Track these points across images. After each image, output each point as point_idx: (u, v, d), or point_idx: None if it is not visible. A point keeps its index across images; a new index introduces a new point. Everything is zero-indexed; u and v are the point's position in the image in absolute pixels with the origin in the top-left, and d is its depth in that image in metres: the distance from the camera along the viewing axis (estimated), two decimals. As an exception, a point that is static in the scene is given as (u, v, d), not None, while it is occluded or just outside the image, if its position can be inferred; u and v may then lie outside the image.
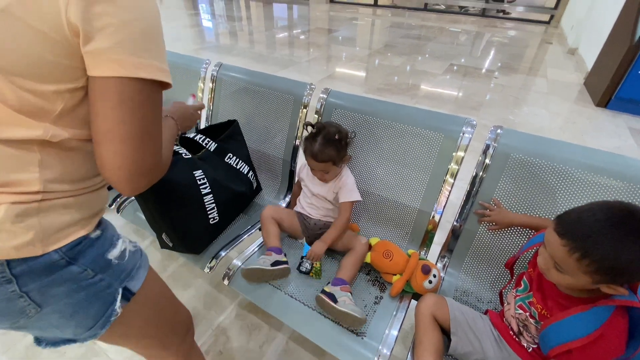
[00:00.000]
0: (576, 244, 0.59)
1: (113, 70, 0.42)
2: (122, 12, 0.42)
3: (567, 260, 0.61)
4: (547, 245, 0.66)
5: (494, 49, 5.33)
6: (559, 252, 0.62)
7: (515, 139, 0.94)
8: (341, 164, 1.10)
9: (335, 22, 6.95)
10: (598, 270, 0.58)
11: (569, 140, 2.58)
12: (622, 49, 2.92)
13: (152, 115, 0.48)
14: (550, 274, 0.66)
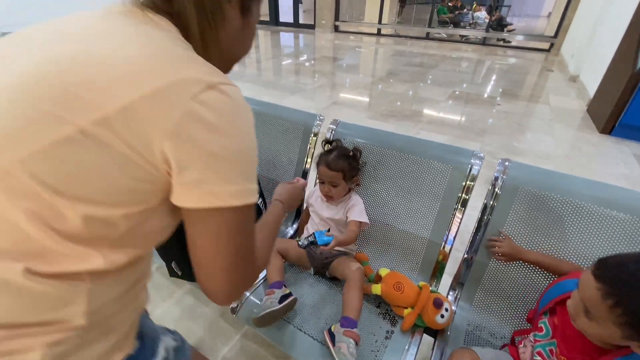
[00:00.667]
0: (612, 289, 0.55)
1: (207, 202, 0.40)
2: (218, 139, 0.39)
3: (599, 306, 0.56)
4: (581, 288, 0.62)
5: (495, 76, 5.46)
6: (592, 295, 0.58)
7: (523, 172, 0.95)
8: (350, 184, 1.12)
9: (339, 50, 7.20)
10: (630, 323, 0.54)
11: (575, 166, 2.61)
12: (624, 77, 2.98)
13: (248, 234, 0.46)
14: (579, 320, 0.62)
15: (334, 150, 1.10)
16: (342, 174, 1.07)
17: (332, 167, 1.06)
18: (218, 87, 0.40)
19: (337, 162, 1.06)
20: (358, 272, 1.02)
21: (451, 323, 0.97)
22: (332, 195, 1.10)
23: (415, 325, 0.96)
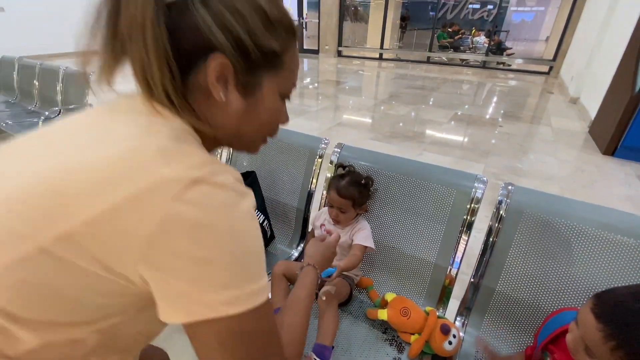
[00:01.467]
0: (613, 331, 0.54)
1: (198, 314, 0.34)
2: (206, 242, 0.34)
3: (601, 347, 0.55)
4: (581, 326, 0.60)
5: (496, 98, 5.56)
6: (593, 336, 0.56)
7: (527, 196, 0.96)
8: (359, 211, 1.13)
9: (342, 74, 7.40)
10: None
11: (579, 188, 2.61)
12: (624, 99, 3.03)
13: (262, 339, 0.40)
14: (579, 356, 0.60)
15: (346, 176, 1.11)
16: (352, 201, 1.08)
17: (342, 193, 1.07)
18: (207, 179, 0.35)
19: (348, 190, 1.07)
20: (324, 294, 0.98)
21: (459, 350, 0.95)
22: (340, 221, 1.11)
23: (423, 353, 0.94)
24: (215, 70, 0.40)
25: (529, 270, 0.94)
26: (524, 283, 0.95)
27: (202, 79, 0.40)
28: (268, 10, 0.41)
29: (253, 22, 0.40)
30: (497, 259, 0.98)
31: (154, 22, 0.36)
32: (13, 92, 3.71)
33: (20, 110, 3.42)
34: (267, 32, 0.41)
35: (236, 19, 0.39)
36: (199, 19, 0.38)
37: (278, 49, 0.43)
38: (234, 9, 0.39)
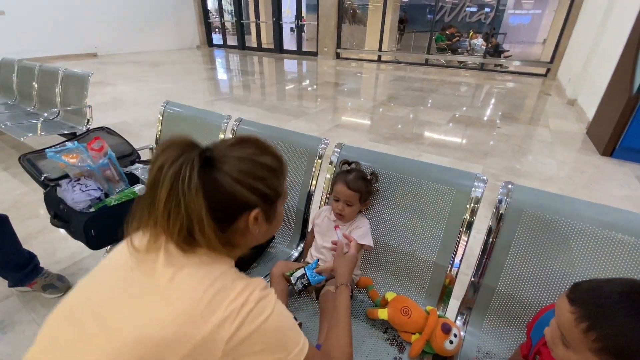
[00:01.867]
0: (585, 312, 0.52)
1: None
2: (262, 342, 0.52)
3: (573, 331, 0.53)
4: (556, 313, 0.59)
5: (494, 100, 5.58)
6: (566, 320, 0.55)
7: (526, 195, 0.96)
8: (363, 206, 1.13)
9: (341, 76, 7.42)
10: (605, 349, 0.50)
11: (579, 189, 2.62)
12: (622, 100, 3.04)
13: None
14: (556, 349, 0.59)
15: (353, 171, 1.13)
16: (359, 194, 1.09)
17: (351, 186, 1.08)
18: (244, 306, 0.51)
19: (356, 183, 1.09)
20: (326, 294, 1.01)
21: (460, 349, 0.95)
22: (345, 215, 1.11)
23: (424, 352, 0.94)
24: (253, 219, 0.58)
25: (529, 269, 0.95)
26: (525, 282, 0.95)
27: (242, 224, 0.58)
28: (274, 165, 0.61)
29: (270, 179, 0.59)
30: (498, 257, 0.98)
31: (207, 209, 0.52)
32: (12, 93, 3.70)
33: (20, 111, 3.42)
34: (278, 180, 0.62)
35: (259, 181, 0.57)
36: (234, 190, 0.54)
37: (285, 185, 0.65)
38: (255, 176, 0.57)
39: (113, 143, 1.79)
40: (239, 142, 0.59)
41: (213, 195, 0.52)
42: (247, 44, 11.55)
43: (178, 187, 0.49)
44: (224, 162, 0.54)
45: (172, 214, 0.50)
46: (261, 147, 0.61)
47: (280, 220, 0.68)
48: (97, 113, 3.24)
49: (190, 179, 0.49)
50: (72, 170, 1.43)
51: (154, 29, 10.61)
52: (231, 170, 0.54)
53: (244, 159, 0.56)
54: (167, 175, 0.49)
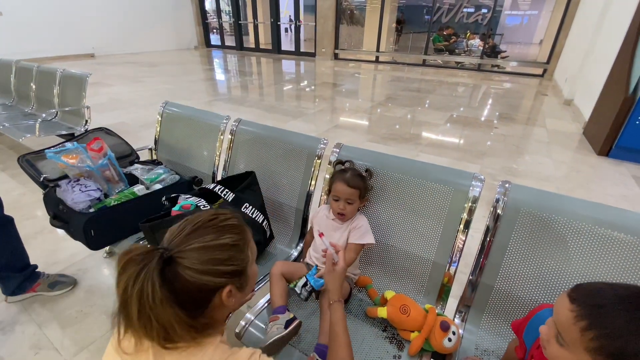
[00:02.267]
0: (585, 311, 0.53)
1: None
2: None
3: (571, 329, 0.53)
4: (555, 310, 0.59)
5: (491, 100, 5.61)
6: (565, 318, 0.55)
7: (523, 194, 0.97)
8: (361, 203, 1.14)
9: (339, 76, 7.43)
10: (601, 349, 0.50)
11: (575, 188, 2.64)
12: (617, 100, 3.07)
13: None
14: (549, 347, 0.59)
15: (348, 170, 1.15)
16: (359, 191, 1.10)
17: (351, 184, 1.09)
18: None
19: (355, 180, 1.10)
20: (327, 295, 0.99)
21: (459, 347, 0.96)
22: (345, 214, 1.11)
23: (423, 350, 0.94)
24: (226, 295, 0.59)
25: (526, 267, 0.96)
26: (522, 280, 0.96)
27: (216, 302, 0.59)
28: (235, 240, 0.61)
29: (234, 256, 0.60)
30: (495, 256, 0.99)
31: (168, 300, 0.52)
32: (10, 94, 3.69)
33: (17, 112, 3.41)
34: (243, 251, 0.62)
35: (224, 264, 0.58)
36: (202, 281, 0.55)
37: (251, 246, 0.66)
38: (219, 261, 0.58)
39: (112, 143, 1.79)
40: (194, 229, 0.59)
41: (181, 293, 0.54)
42: (245, 45, 11.56)
43: (145, 305, 0.50)
44: (185, 257, 0.55)
45: (147, 327, 0.52)
46: (218, 228, 0.61)
47: (254, 280, 0.68)
48: (94, 114, 3.24)
49: (154, 294, 0.50)
50: (72, 171, 1.43)
51: (152, 29, 10.60)
52: (194, 264, 0.55)
53: (203, 248, 0.57)
54: (132, 296, 0.50)
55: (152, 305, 0.50)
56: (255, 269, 0.68)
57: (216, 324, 0.63)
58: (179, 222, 0.62)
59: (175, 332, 0.53)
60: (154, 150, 1.95)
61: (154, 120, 1.95)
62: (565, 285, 0.91)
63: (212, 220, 0.61)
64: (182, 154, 1.81)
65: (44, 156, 1.52)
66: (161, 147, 1.92)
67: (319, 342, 0.91)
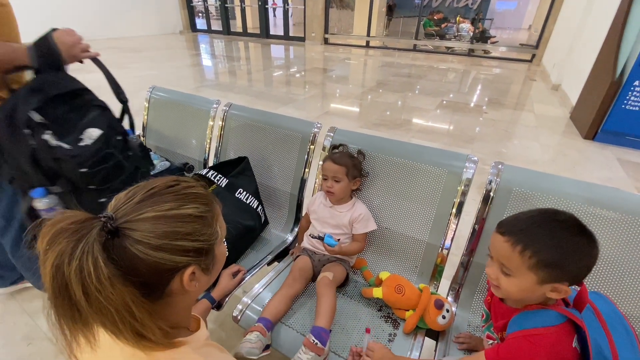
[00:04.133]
0: (516, 237, 0.63)
1: None
2: None
3: (512, 256, 0.63)
4: (492, 250, 0.68)
5: (481, 86, 5.63)
6: (503, 249, 0.64)
7: (516, 174, 0.99)
8: (352, 185, 1.15)
9: (329, 61, 7.33)
10: (540, 263, 0.60)
11: (562, 171, 2.70)
12: (604, 85, 3.12)
13: None
14: (500, 283, 0.67)
15: (339, 151, 1.17)
16: (346, 169, 1.11)
17: (337, 161, 1.11)
18: None
19: (342, 158, 1.12)
20: (323, 280, 1.03)
21: (452, 324, 0.99)
22: (334, 192, 1.12)
23: (417, 327, 0.97)
24: (188, 278, 0.48)
25: (517, 245, 0.98)
26: (513, 258, 0.99)
27: (175, 287, 0.48)
28: (201, 211, 0.49)
29: (199, 230, 0.49)
30: (488, 235, 1.01)
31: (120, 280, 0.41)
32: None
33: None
34: (210, 226, 0.51)
35: (186, 239, 0.47)
36: (156, 259, 0.44)
37: (220, 222, 0.55)
38: (179, 234, 0.46)
39: (98, 130, 1.73)
40: (149, 196, 0.47)
41: (130, 274, 0.43)
42: (232, 29, 11.23)
43: (90, 286, 0.39)
44: (135, 229, 0.44)
45: (106, 316, 0.41)
46: (180, 196, 0.49)
47: (221, 263, 0.58)
48: (78, 101, 3.12)
49: (98, 271, 0.39)
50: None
51: (134, 13, 10.17)
52: (146, 237, 0.44)
53: (160, 218, 0.45)
54: (70, 277, 0.39)
55: (99, 286, 0.39)
56: (223, 250, 0.58)
57: (179, 317, 0.53)
58: (128, 189, 0.49)
59: (132, 315, 0.42)
60: (142, 137, 1.90)
61: (141, 108, 1.89)
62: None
63: (172, 186, 0.50)
64: (171, 141, 1.77)
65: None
66: (149, 134, 1.87)
67: (315, 325, 0.92)
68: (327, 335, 0.90)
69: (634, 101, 2.98)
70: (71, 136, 0.96)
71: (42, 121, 0.92)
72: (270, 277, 1.17)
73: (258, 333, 0.90)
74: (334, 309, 0.97)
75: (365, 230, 1.14)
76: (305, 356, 0.84)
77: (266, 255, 1.26)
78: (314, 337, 0.87)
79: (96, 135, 0.98)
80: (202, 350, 0.52)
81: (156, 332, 0.44)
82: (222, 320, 1.45)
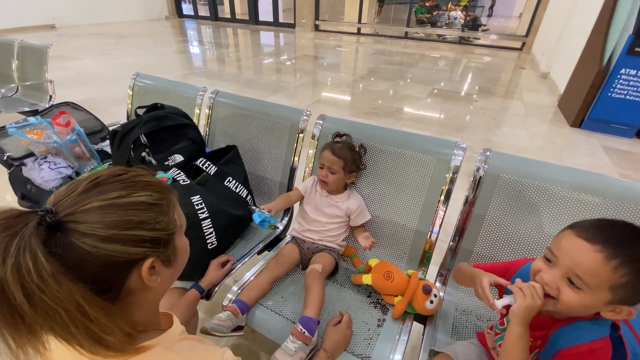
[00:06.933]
0: (616, 249, 0.52)
1: None
2: None
3: (600, 271, 0.53)
4: (562, 255, 0.59)
5: (471, 74, 5.63)
6: (588, 259, 0.54)
7: (503, 161, 1.00)
8: (347, 178, 1.14)
9: (320, 49, 7.22)
10: (628, 284, 0.52)
11: (549, 158, 2.74)
12: (591, 73, 3.15)
13: None
14: (561, 294, 0.58)
15: (341, 141, 1.16)
16: (344, 162, 1.10)
17: (336, 153, 1.09)
18: None
19: (342, 150, 1.10)
20: (312, 272, 1.03)
21: (440, 309, 1.01)
22: (328, 182, 1.11)
23: (406, 313, 0.98)
24: (147, 271, 0.44)
25: (505, 231, 1.00)
26: (501, 243, 1.01)
27: (134, 283, 0.44)
28: (154, 198, 0.45)
29: (155, 218, 0.45)
30: (476, 221, 1.03)
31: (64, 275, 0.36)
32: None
33: (-29, 88, 3.13)
34: (166, 213, 0.47)
35: (140, 228, 0.43)
36: (107, 252, 0.40)
37: (177, 211, 0.51)
38: (132, 223, 0.42)
39: (80, 119, 1.68)
40: (93, 186, 0.43)
41: (79, 270, 0.38)
42: (220, 15, 10.93)
43: (30, 285, 0.35)
44: (80, 221, 0.39)
45: (54, 318, 0.36)
46: (128, 184, 0.44)
47: (185, 255, 0.54)
48: (60, 90, 3.02)
49: (38, 267, 0.35)
50: (38, 148, 1.35)
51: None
52: (94, 229, 0.39)
53: (108, 207, 0.41)
54: (6, 278, 0.34)
55: (42, 285, 0.35)
56: (185, 241, 0.54)
57: (144, 316, 0.48)
58: (68, 183, 0.44)
59: (86, 314, 0.37)
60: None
61: (125, 96, 1.84)
62: (541, 245, 0.95)
63: (120, 175, 0.45)
64: (158, 129, 1.73)
65: (6, 133, 1.42)
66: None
67: (303, 315, 0.93)
68: (315, 325, 0.91)
69: (620, 89, 3.02)
70: (162, 155, 1.25)
71: (145, 143, 1.23)
72: (260, 266, 1.16)
73: (229, 313, 0.92)
74: (322, 300, 0.98)
75: (363, 220, 1.17)
76: (293, 345, 0.85)
77: (256, 244, 1.26)
78: (302, 327, 0.88)
79: (178, 160, 1.26)
80: (178, 347, 0.49)
81: (117, 333, 0.40)
82: (214, 310, 1.45)
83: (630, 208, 0.85)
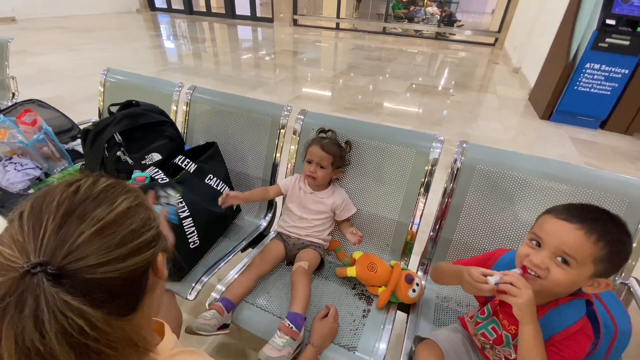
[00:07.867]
0: (591, 225, 0.59)
1: None
2: None
3: (584, 245, 0.59)
4: (548, 237, 0.63)
5: (448, 69, 5.77)
6: (573, 237, 0.59)
7: (479, 153, 1.03)
8: (334, 173, 1.15)
9: (299, 44, 7.17)
10: (607, 255, 0.58)
11: (521, 149, 2.86)
12: (559, 68, 3.30)
13: None
14: (551, 273, 0.61)
15: (327, 137, 1.16)
16: (333, 158, 1.11)
17: (326, 148, 1.10)
18: None
19: (331, 146, 1.11)
20: (298, 269, 1.04)
21: (422, 297, 1.04)
22: (316, 177, 1.11)
23: (390, 302, 1.01)
24: (161, 266, 0.46)
25: (482, 219, 1.04)
26: (479, 231, 1.05)
27: (151, 283, 0.44)
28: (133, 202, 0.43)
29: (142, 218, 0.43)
30: (454, 211, 1.06)
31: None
32: None
33: None
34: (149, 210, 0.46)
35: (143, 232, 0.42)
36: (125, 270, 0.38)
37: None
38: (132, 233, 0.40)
39: (48, 117, 1.60)
40: (64, 217, 0.37)
41: (109, 298, 0.36)
42: (195, 8, 10.62)
43: (83, 343, 0.33)
44: (82, 257, 0.35)
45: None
46: (100, 196, 0.41)
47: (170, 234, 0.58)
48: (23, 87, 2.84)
49: (90, 322, 0.33)
50: (2, 149, 1.27)
51: (83, -12, 9.31)
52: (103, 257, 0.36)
53: (101, 230, 0.37)
54: (55, 349, 0.32)
55: (97, 335, 0.34)
56: (166, 224, 0.57)
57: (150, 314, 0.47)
58: (14, 219, 0.39)
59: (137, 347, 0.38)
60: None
61: (96, 93, 1.76)
62: (517, 232, 1.00)
63: (77, 191, 0.40)
64: (133, 127, 1.67)
65: (-35, 133, 1.33)
66: (108, 120, 1.75)
67: (290, 310, 0.93)
68: (302, 320, 0.91)
69: (585, 83, 3.19)
70: (138, 153, 1.20)
71: (120, 141, 1.17)
72: (244, 264, 1.16)
73: (214, 311, 0.92)
74: (309, 296, 0.99)
75: (348, 214, 1.18)
76: (280, 340, 0.85)
77: (240, 242, 1.25)
78: (289, 322, 0.88)
79: (156, 159, 1.21)
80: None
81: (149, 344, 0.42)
82: (198, 310, 1.43)
83: (594, 194, 0.91)
